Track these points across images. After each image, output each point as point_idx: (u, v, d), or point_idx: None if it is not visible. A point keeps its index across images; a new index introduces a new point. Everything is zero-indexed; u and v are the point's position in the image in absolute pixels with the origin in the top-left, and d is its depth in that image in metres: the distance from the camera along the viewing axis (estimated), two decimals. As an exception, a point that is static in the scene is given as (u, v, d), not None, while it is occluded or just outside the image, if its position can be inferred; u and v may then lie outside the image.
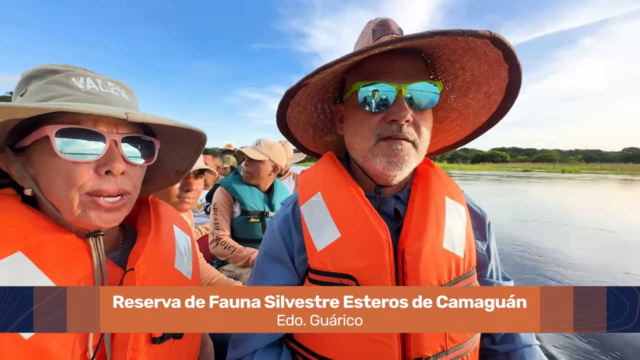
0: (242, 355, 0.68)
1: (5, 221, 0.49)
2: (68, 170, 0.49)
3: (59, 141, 0.48)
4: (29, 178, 0.52)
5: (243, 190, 1.81)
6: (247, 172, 1.84)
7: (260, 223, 1.80)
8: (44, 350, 0.44)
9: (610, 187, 17.82)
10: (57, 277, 0.48)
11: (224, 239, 1.70)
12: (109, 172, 0.52)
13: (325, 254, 0.63)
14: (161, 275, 0.59)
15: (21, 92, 0.53)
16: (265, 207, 1.84)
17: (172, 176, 0.76)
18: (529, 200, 10.84)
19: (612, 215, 7.67)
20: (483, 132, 0.75)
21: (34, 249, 0.48)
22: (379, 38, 0.64)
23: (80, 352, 0.47)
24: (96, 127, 0.50)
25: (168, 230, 0.67)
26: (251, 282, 0.74)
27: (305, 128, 0.79)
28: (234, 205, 1.82)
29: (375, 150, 0.62)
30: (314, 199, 0.69)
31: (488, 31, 0.52)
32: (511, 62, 0.58)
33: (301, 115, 0.74)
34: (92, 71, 0.56)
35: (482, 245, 0.72)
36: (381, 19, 0.68)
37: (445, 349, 0.59)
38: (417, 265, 0.58)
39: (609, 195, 13.93)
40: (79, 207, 0.50)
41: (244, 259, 1.62)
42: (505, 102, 0.66)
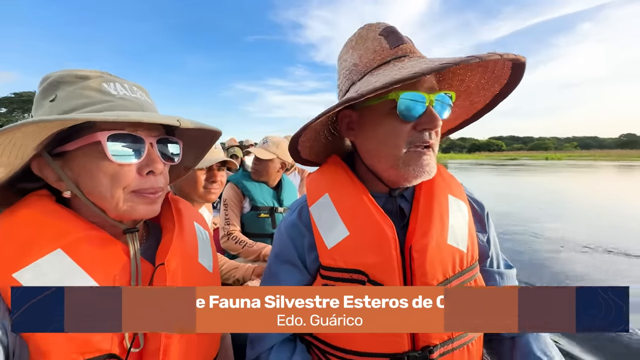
0: (260, 353, 0.73)
1: (44, 221, 0.52)
2: (115, 172, 0.53)
3: (110, 145, 0.51)
4: (68, 180, 0.54)
5: (253, 186, 1.86)
6: (256, 170, 1.89)
7: (270, 218, 1.85)
8: (87, 340, 0.48)
9: (587, 174, 18.53)
10: (94, 273, 0.52)
11: (235, 234, 1.75)
12: (150, 172, 0.56)
13: (335, 251, 0.67)
14: (188, 269, 0.63)
15: (50, 98, 0.54)
16: (274, 202, 1.89)
17: (180, 171, 0.80)
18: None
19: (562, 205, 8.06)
20: (450, 134, 0.82)
21: (72, 246, 0.51)
22: (397, 46, 0.66)
23: (118, 342, 0.51)
24: (136, 131, 0.54)
25: (190, 226, 0.70)
26: (264, 283, 0.78)
27: (310, 136, 0.78)
28: (244, 201, 1.87)
29: (406, 159, 0.65)
30: (322, 200, 0.72)
31: (523, 57, 0.58)
32: (512, 79, 0.63)
33: (315, 125, 0.75)
34: (116, 76, 0.59)
35: (483, 237, 0.76)
36: (385, 25, 0.69)
37: (451, 337, 0.64)
38: (423, 261, 0.63)
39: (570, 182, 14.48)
40: (124, 203, 0.55)
41: (254, 254, 1.68)
42: (483, 111, 0.72)
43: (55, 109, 0.53)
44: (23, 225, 0.50)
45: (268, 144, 1.88)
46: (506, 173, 21.27)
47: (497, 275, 0.77)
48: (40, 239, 0.50)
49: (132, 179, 0.54)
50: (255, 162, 1.89)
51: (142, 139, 0.55)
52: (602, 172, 21.01)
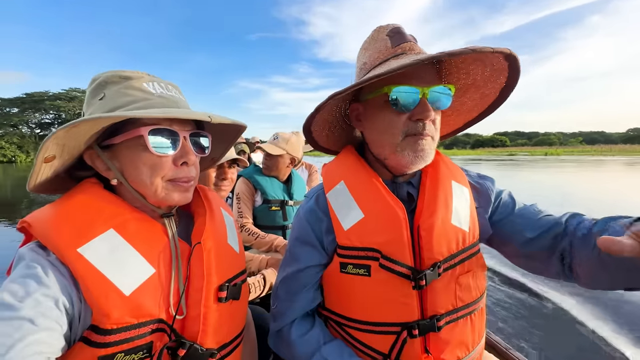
0: (283, 326, 0.81)
1: (98, 204, 0.59)
2: (154, 162, 0.60)
3: (150, 139, 0.58)
4: (115, 170, 0.61)
5: (264, 180, 1.94)
6: (267, 166, 1.96)
7: (281, 211, 1.93)
8: (140, 305, 0.55)
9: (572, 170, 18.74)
10: (142, 249, 0.58)
11: (248, 226, 1.83)
12: (184, 163, 0.64)
13: (351, 232, 0.73)
14: (220, 249, 0.69)
15: (99, 96, 0.61)
16: (284, 196, 1.97)
17: (208, 162, 0.88)
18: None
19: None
20: (471, 126, 0.84)
21: (122, 226, 0.58)
22: (399, 44, 0.72)
23: (165, 308, 0.58)
24: (172, 126, 0.61)
25: (219, 212, 0.77)
26: (285, 264, 0.84)
27: (323, 126, 0.87)
28: (256, 195, 1.95)
29: (403, 146, 0.71)
30: (338, 186, 0.79)
31: (507, 49, 0.62)
32: (512, 70, 0.67)
33: (322, 115, 0.82)
34: (155, 76, 0.66)
35: (486, 213, 0.81)
36: (394, 26, 0.75)
37: (456, 307, 0.72)
38: (430, 238, 0.70)
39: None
40: (162, 190, 0.62)
41: (267, 245, 1.75)
42: (496, 103, 0.75)
43: (104, 107, 0.60)
44: (81, 209, 0.58)
45: (278, 140, 1.95)
46: (501, 169, 21.69)
47: (525, 209, 0.80)
48: (96, 220, 0.57)
49: (168, 169, 0.62)
50: (266, 157, 1.97)
51: (177, 133, 0.62)
52: (589, 168, 21.73)
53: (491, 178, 0.86)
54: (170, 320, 0.59)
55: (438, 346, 0.71)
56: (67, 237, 0.53)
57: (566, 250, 0.70)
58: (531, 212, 0.78)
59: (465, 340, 0.73)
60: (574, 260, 0.69)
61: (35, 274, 0.50)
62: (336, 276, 0.77)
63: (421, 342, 0.71)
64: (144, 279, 0.57)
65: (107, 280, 0.53)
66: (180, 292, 0.61)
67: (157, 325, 0.57)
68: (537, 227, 0.75)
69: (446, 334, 0.71)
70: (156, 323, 0.57)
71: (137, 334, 0.54)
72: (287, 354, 0.81)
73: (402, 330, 0.70)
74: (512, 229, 0.78)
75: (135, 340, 0.54)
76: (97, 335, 0.52)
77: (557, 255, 0.71)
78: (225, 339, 0.67)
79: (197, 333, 0.61)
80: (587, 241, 0.66)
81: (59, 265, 0.52)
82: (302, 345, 0.77)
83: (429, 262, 0.70)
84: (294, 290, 0.81)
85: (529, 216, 0.77)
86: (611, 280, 0.63)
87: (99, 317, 0.52)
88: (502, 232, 0.80)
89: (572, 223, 0.71)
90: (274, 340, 0.85)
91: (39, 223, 0.55)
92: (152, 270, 0.58)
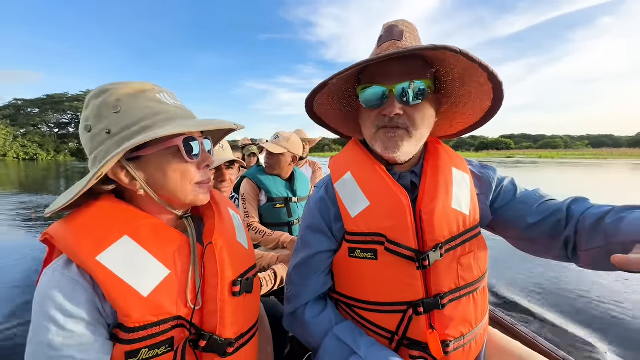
0: (297, 307, 0.86)
1: (112, 214, 0.62)
2: (185, 169, 0.65)
3: (184, 148, 0.63)
4: (142, 180, 0.63)
5: (267, 180, 1.98)
6: (269, 165, 2.00)
7: (285, 208, 1.97)
8: (159, 304, 0.59)
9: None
10: (156, 252, 0.61)
11: (255, 225, 1.87)
12: (207, 166, 0.69)
13: (359, 219, 0.78)
14: (231, 247, 0.73)
15: (115, 110, 0.61)
16: (288, 193, 2.01)
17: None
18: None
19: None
20: (493, 115, 0.82)
21: (135, 232, 0.61)
22: (381, 45, 0.76)
23: (183, 305, 0.62)
24: (192, 134, 0.66)
25: (226, 212, 0.80)
26: (298, 250, 0.89)
27: (339, 119, 0.94)
28: (260, 194, 1.99)
29: (376, 137, 0.77)
30: (345, 177, 0.83)
31: (433, 45, 0.63)
32: (473, 61, 0.66)
33: (330, 110, 0.90)
34: (160, 86, 0.68)
35: (487, 200, 0.84)
36: (389, 24, 0.78)
37: (458, 286, 0.75)
38: (432, 221, 0.73)
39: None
40: (191, 193, 0.67)
41: (274, 241, 1.78)
42: (496, 91, 0.75)
43: (124, 119, 0.61)
44: (97, 219, 0.60)
45: (279, 139, 1.99)
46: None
47: (527, 195, 0.82)
48: (111, 229, 0.60)
49: (194, 173, 0.67)
50: (268, 156, 2.01)
51: (196, 139, 0.66)
52: (572, 169, 22.62)
53: (493, 168, 0.89)
54: (189, 316, 0.62)
55: (442, 323, 0.74)
56: (86, 247, 0.56)
57: (571, 236, 0.71)
58: (533, 198, 0.80)
59: (468, 317, 0.76)
60: (579, 246, 0.70)
61: (61, 307, 0.53)
62: (345, 261, 0.81)
63: (426, 319, 0.74)
64: (160, 280, 0.60)
65: (126, 284, 0.56)
66: (197, 289, 0.65)
67: (177, 322, 0.61)
68: (539, 212, 0.77)
69: (450, 311, 0.74)
70: (176, 320, 0.61)
71: (158, 330, 0.59)
72: (302, 333, 0.86)
73: (408, 309, 0.74)
74: (514, 214, 0.81)
75: (158, 337, 0.59)
76: (123, 333, 0.56)
77: (562, 240, 0.73)
78: (242, 329, 0.71)
79: (216, 326, 0.64)
80: (595, 231, 0.67)
81: (81, 278, 0.56)
82: (315, 325, 0.81)
83: (431, 244, 0.74)
84: (306, 274, 0.85)
85: (530, 202, 0.80)
86: (613, 266, 0.65)
87: (122, 317, 0.56)
88: (504, 217, 0.83)
89: (577, 209, 0.72)
90: (289, 321, 0.89)
91: (60, 235, 0.58)
92: (167, 272, 0.61)
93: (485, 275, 0.82)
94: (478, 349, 0.81)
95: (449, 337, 0.73)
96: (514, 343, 0.91)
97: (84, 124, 0.64)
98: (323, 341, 0.79)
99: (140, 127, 0.60)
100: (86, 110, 0.64)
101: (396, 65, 0.72)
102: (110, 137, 0.60)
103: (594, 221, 0.67)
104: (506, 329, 1.20)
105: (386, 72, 0.72)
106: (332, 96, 0.85)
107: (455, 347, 0.74)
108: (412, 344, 0.75)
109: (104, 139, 0.61)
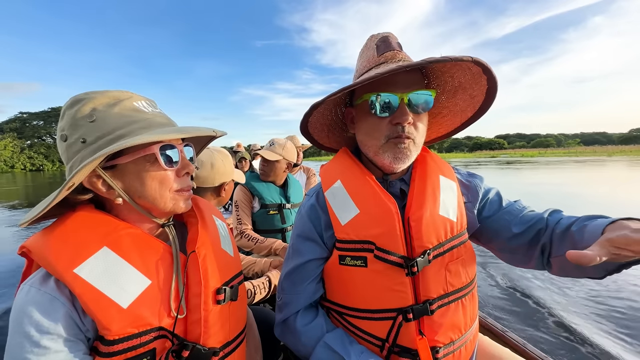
0: (288, 316, 0.85)
1: (90, 225, 0.61)
2: (163, 176, 0.64)
3: (161, 155, 0.62)
4: (119, 189, 0.62)
5: (261, 186, 1.98)
6: (264, 172, 2.00)
7: (279, 214, 1.97)
8: (139, 315, 0.57)
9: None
10: (136, 262, 0.60)
11: (247, 232, 1.86)
12: (187, 173, 0.68)
13: (348, 227, 0.78)
14: (215, 254, 0.72)
15: (90, 119, 0.60)
16: (282, 199, 2.01)
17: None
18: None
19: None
20: (469, 125, 0.88)
21: (115, 242, 0.60)
22: (382, 54, 0.77)
23: (165, 315, 0.61)
24: (171, 141, 0.65)
25: (210, 219, 0.80)
26: (289, 258, 0.89)
27: (322, 128, 0.94)
28: (254, 201, 1.98)
29: (385, 148, 0.76)
30: (336, 185, 0.84)
31: (469, 56, 0.65)
32: (488, 74, 0.72)
33: (319, 119, 0.89)
34: (138, 94, 0.67)
35: (474, 208, 0.86)
36: (382, 35, 0.80)
37: (447, 292, 0.76)
38: (419, 228, 0.74)
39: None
40: (170, 201, 0.66)
41: (266, 249, 1.78)
42: (486, 102, 0.79)
43: (99, 129, 0.60)
44: (75, 231, 0.59)
45: (275, 146, 2.00)
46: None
47: (511, 206, 0.85)
48: (90, 240, 0.58)
49: (173, 180, 0.66)
50: (263, 163, 2.01)
51: (175, 147, 0.66)
52: (544, 168, 23.42)
53: (480, 176, 0.91)
54: (171, 326, 0.61)
55: (432, 329, 0.75)
56: (64, 259, 0.55)
57: (546, 244, 0.75)
58: (516, 209, 0.83)
59: (457, 323, 0.77)
60: (552, 254, 0.74)
61: (37, 323, 0.52)
62: (336, 268, 0.81)
63: (416, 325, 0.75)
64: (141, 290, 0.59)
65: (105, 297, 0.55)
66: (180, 298, 0.64)
67: (159, 332, 0.60)
68: (522, 222, 0.80)
69: (439, 317, 0.75)
70: (158, 330, 0.60)
71: (139, 342, 0.57)
72: (293, 341, 0.85)
73: (397, 315, 0.75)
74: (499, 225, 0.83)
75: (139, 348, 0.58)
76: (103, 346, 0.56)
77: (539, 248, 0.76)
78: (228, 337, 0.70)
79: (200, 335, 0.64)
80: (564, 238, 0.71)
81: (58, 293, 0.55)
82: (306, 334, 0.81)
83: (419, 250, 0.74)
84: (297, 282, 0.85)
85: (515, 213, 0.82)
86: (579, 272, 0.70)
87: (102, 330, 0.55)
88: (490, 228, 0.85)
89: (553, 219, 0.76)
90: (280, 329, 0.89)
91: (37, 248, 0.57)
92: (149, 282, 0.60)
93: (473, 281, 0.83)
94: (468, 355, 0.81)
95: (438, 344, 0.74)
96: (503, 350, 0.91)
97: (59, 133, 0.63)
98: (314, 350, 0.79)
99: (115, 136, 0.59)
100: (62, 120, 0.63)
101: (404, 75, 0.73)
102: (85, 146, 0.60)
103: (562, 230, 0.72)
104: (497, 335, 1.21)
105: (394, 81, 0.73)
106: (328, 103, 0.85)
107: (445, 353, 0.74)
108: (402, 351, 0.75)
109: (79, 148, 0.60)
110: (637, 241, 0.49)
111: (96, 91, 0.63)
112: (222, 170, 1.33)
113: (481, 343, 0.94)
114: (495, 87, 0.75)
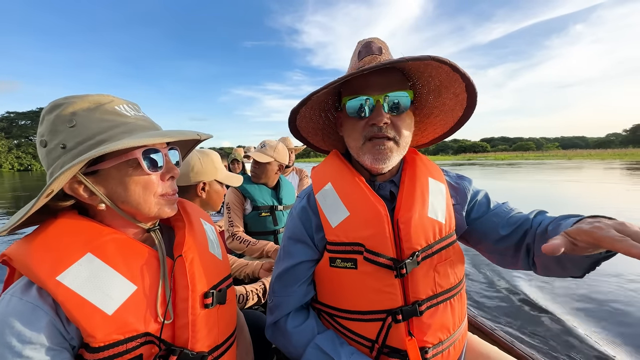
0: (279, 318, 0.86)
1: (73, 231, 0.59)
2: (146, 181, 0.63)
3: (144, 160, 0.61)
4: (101, 195, 0.61)
5: (252, 188, 1.97)
6: (256, 174, 2.00)
7: (271, 216, 1.96)
8: (125, 321, 0.57)
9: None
10: (122, 268, 0.59)
11: (239, 234, 1.85)
12: (171, 177, 0.68)
13: (339, 229, 0.79)
14: (202, 258, 0.72)
15: (70, 124, 0.58)
16: (274, 201, 2.00)
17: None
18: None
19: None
20: (464, 123, 0.88)
21: (99, 249, 0.59)
22: (362, 59, 0.78)
23: (152, 321, 0.60)
24: (155, 145, 0.64)
25: (198, 222, 0.79)
26: (280, 260, 0.89)
27: (315, 132, 0.95)
28: (245, 203, 1.98)
29: (364, 149, 0.78)
30: (326, 187, 0.85)
31: (428, 55, 0.66)
32: (458, 71, 0.72)
33: (310, 124, 0.91)
34: (120, 98, 0.65)
35: (462, 210, 0.87)
36: (366, 41, 0.81)
37: (436, 293, 0.77)
38: (408, 230, 0.75)
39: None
40: (155, 206, 0.65)
41: (258, 251, 1.78)
42: (470, 99, 0.80)
43: (79, 134, 0.58)
44: (58, 237, 0.58)
45: (266, 148, 1.99)
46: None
47: (499, 208, 0.87)
48: (73, 247, 0.57)
49: (157, 185, 0.65)
50: (254, 165, 2.00)
51: (159, 151, 0.65)
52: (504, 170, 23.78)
53: (469, 178, 0.93)
54: (158, 332, 0.61)
55: (421, 329, 0.76)
56: (46, 266, 0.54)
57: (530, 245, 0.77)
58: (504, 211, 0.85)
59: (446, 323, 0.79)
60: (535, 254, 0.76)
61: (19, 333, 0.51)
62: (326, 270, 0.82)
63: (405, 326, 0.76)
64: (126, 296, 0.58)
65: (89, 303, 0.54)
66: (167, 303, 0.63)
67: (145, 338, 0.59)
68: (509, 224, 0.81)
69: (428, 318, 0.76)
70: (144, 336, 0.59)
71: (125, 348, 0.56)
72: (284, 343, 0.85)
73: (387, 317, 0.76)
74: (487, 227, 0.85)
75: (125, 355, 0.57)
76: (88, 354, 0.55)
77: (524, 249, 0.78)
78: (216, 341, 0.70)
79: (187, 340, 0.63)
80: (542, 237, 0.73)
81: (40, 301, 0.54)
82: (297, 336, 0.82)
83: (408, 252, 0.76)
84: (288, 284, 0.85)
85: (502, 215, 0.84)
86: (562, 271, 0.71)
87: (87, 338, 0.54)
88: (479, 230, 0.86)
89: (537, 220, 0.78)
90: (271, 331, 0.89)
91: (18, 256, 0.56)
92: (134, 287, 0.60)
93: (462, 282, 0.84)
94: (457, 355, 0.82)
95: (427, 344, 0.75)
96: (492, 348, 0.93)
97: (39, 139, 0.61)
98: (305, 351, 0.79)
99: (96, 141, 0.58)
100: (41, 125, 0.61)
101: (379, 77, 0.75)
102: (65, 152, 0.58)
103: (542, 230, 0.74)
104: (485, 333, 1.24)
105: (370, 84, 0.75)
106: (313, 108, 0.87)
107: (434, 353, 0.76)
108: (392, 352, 0.76)
109: (59, 154, 0.59)
110: (585, 232, 0.52)
111: (76, 95, 0.61)
112: (197, 169, 1.31)
113: (470, 342, 0.95)
114: (471, 84, 0.75)
